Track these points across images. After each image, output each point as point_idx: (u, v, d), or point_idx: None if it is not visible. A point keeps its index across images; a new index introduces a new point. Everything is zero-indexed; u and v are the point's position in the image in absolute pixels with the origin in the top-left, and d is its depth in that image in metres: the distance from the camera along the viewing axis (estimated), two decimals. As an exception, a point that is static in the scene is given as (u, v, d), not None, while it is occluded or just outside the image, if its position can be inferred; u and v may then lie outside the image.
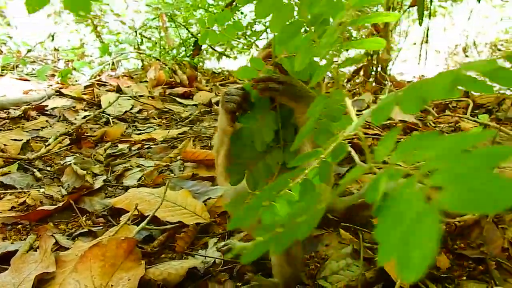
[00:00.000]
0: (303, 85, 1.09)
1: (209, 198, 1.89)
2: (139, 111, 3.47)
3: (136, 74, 5.61)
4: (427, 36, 7.85)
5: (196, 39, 6.13)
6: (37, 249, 1.49)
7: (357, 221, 1.72)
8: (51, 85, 4.24)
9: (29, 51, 6.02)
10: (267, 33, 9.07)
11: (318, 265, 1.49)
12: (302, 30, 0.80)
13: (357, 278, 1.35)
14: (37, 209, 1.81)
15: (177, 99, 4.06)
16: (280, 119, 1.11)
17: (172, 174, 2.21)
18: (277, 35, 0.85)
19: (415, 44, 9.52)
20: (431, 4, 6.73)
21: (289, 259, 1.30)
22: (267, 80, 1.07)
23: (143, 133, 2.90)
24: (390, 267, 1.33)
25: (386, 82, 6.08)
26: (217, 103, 3.83)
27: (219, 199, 1.85)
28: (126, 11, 7.18)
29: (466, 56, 9.75)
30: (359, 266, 1.43)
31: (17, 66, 5.56)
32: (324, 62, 0.81)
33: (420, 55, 8.50)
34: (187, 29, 6.57)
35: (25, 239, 1.59)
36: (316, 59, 0.87)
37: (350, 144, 2.22)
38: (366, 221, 1.72)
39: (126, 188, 2.02)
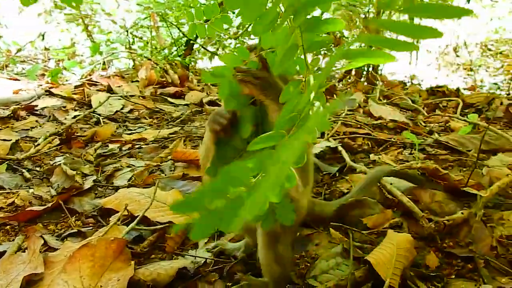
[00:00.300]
0: (279, 83, 1.08)
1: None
2: (130, 111, 3.45)
3: (127, 74, 5.58)
4: (418, 36, 7.87)
5: (188, 38, 6.10)
6: (26, 250, 1.48)
7: (347, 220, 1.72)
8: (41, 85, 4.21)
9: (19, 50, 5.97)
10: (259, 32, 9.09)
11: (308, 264, 1.49)
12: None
13: (347, 277, 1.35)
14: (26, 209, 1.79)
15: (168, 98, 4.04)
16: (260, 114, 1.09)
17: (163, 174, 2.20)
18: (251, 28, 0.84)
19: (406, 44, 9.56)
20: (421, 4, 6.75)
21: (277, 259, 1.30)
22: (245, 72, 1.05)
23: (133, 133, 2.89)
24: (379, 266, 1.34)
25: (377, 81, 6.11)
26: (208, 103, 3.83)
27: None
28: (117, 10, 7.15)
29: (457, 56, 9.82)
30: (349, 265, 1.43)
31: (7, 66, 5.51)
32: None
33: (410, 55, 8.55)
34: (178, 28, 6.54)
35: (13, 240, 1.57)
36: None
37: (340, 144, 2.24)
38: (356, 220, 1.73)
39: (116, 188, 2.01)
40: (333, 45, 9.36)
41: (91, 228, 1.71)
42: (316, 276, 1.42)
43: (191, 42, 6.34)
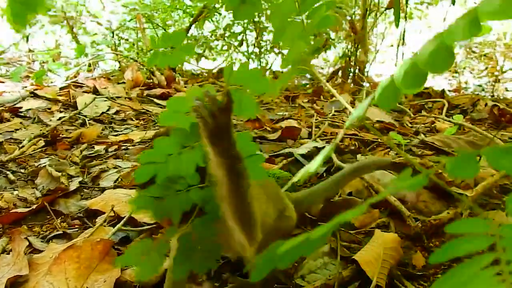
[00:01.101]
0: (232, 133, 0.94)
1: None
2: (116, 112, 3.42)
3: (113, 76, 5.54)
4: (403, 38, 7.98)
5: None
6: (10, 252, 1.45)
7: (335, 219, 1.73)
8: (25, 87, 4.15)
9: (2, 52, 5.88)
10: (245, 34, 9.13)
11: (296, 264, 1.49)
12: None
13: (334, 276, 1.35)
14: (10, 211, 1.76)
15: (155, 100, 4.02)
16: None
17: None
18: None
19: (392, 46, 9.67)
20: (407, 7, 6.85)
21: None
22: (201, 107, 0.91)
23: (120, 134, 2.86)
24: (367, 266, 1.35)
25: (364, 83, 6.17)
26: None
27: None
28: (102, 12, 7.09)
29: (442, 58, 9.93)
30: (336, 265, 1.44)
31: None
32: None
33: (397, 56, 8.63)
34: (165, 30, 6.52)
35: (-3, 242, 1.55)
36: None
37: (328, 144, 2.25)
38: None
39: (103, 190, 1.99)
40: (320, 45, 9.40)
41: (77, 229, 1.69)
42: (304, 275, 1.43)
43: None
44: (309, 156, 2.36)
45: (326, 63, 9.93)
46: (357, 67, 6.91)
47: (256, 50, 9.12)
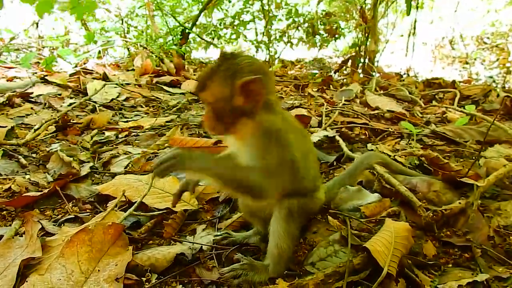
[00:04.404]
0: None
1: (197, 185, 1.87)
2: (126, 99, 3.43)
3: (122, 63, 5.54)
4: (414, 28, 7.89)
5: (183, 28, 6.06)
6: (23, 235, 1.47)
7: (345, 208, 1.72)
8: (35, 73, 4.17)
9: (12, 38, 5.89)
10: (254, 22, 9.07)
11: (306, 251, 1.49)
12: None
13: (345, 264, 1.35)
14: (23, 195, 1.78)
15: (164, 87, 4.02)
16: None
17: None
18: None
19: (402, 36, 9.58)
20: (418, -4, 6.75)
21: (288, 234, 1.36)
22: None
23: (130, 120, 2.87)
24: (378, 254, 1.34)
25: (374, 73, 6.11)
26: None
27: (207, 187, 1.84)
28: (112, -2, 7.08)
29: (453, 48, 9.83)
30: (347, 253, 1.43)
31: (0, 54, 5.44)
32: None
33: (407, 47, 8.54)
34: (174, 17, 6.49)
35: (10, 225, 1.56)
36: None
37: (338, 133, 2.24)
38: (354, 208, 1.73)
39: (113, 175, 2.00)
40: (328, 35, 9.36)
41: (88, 214, 1.70)
42: (314, 263, 1.42)
43: (187, 31, 6.30)
44: (320, 145, 2.35)
45: (335, 52, 9.87)
46: (367, 57, 6.83)
47: (265, 39, 9.07)
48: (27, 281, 1.23)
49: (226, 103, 1.23)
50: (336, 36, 9.30)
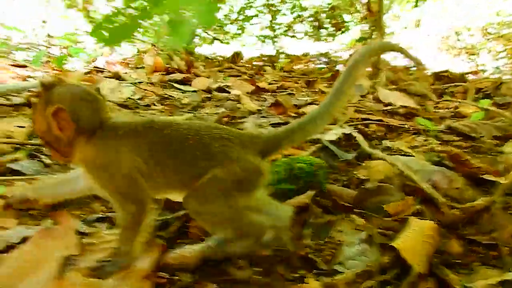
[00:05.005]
0: None
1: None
2: (140, 98, 3.45)
3: (131, 60, 5.55)
4: (419, 20, 7.84)
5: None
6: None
7: (368, 206, 1.74)
8: (47, 72, 4.19)
9: (24, 37, 5.91)
10: (258, 17, 9.03)
11: (333, 250, 1.51)
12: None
13: (374, 263, 1.37)
14: (49, 195, 1.79)
15: (176, 85, 4.03)
16: None
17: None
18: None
19: (406, 28, 9.54)
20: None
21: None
22: None
23: (146, 119, 2.89)
24: (406, 253, 1.36)
25: (381, 67, 6.09)
26: (217, 90, 3.82)
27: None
28: (119, -5, 7.06)
29: (458, 40, 9.77)
30: (374, 252, 1.45)
31: (9, 53, 5.45)
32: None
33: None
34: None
35: (39, 225, 1.59)
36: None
37: (356, 130, 2.25)
38: (376, 207, 1.75)
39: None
40: (334, 29, 9.31)
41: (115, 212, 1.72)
42: (342, 262, 1.44)
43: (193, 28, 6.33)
44: (337, 142, 2.37)
45: (341, 45, 9.83)
46: (374, 51, 6.77)
47: (270, 33, 9.05)
48: (65, 278, 1.27)
49: (49, 134, 1.26)
50: (342, 29, 9.27)
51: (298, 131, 1.43)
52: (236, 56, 6.42)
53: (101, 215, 1.70)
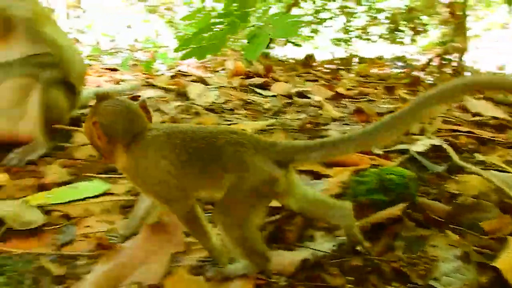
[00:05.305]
0: None
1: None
2: (224, 102, 3.58)
3: (209, 64, 5.73)
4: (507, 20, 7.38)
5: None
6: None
7: (463, 222, 1.71)
8: (137, 75, 4.48)
9: (112, 41, 6.34)
10: (333, 19, 8.96)
11: (428, 265, 1.50)
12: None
13: (472, 282, 1.35)
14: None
15: (256, 89, 4.13)
16: None
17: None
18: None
19: (489, 29, 9.04)
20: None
21: None
22: None
23: (232, 123, 2.99)
24: (509, 274, 1.33)
25: (463, 72, 5.83)
26: (297, 95, 3.87)
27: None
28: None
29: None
30: (471, 270, 1.43)
31: (99, 57, 5.87)
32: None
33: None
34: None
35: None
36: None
37: (447, 142, 2.21)
38: (471, 223, 1.71)
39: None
40: (412, 32, 9.00)
41: (210, 213, 1.81)
42: (438, 278, 1.43)
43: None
44: (426, 154, 2.33)
45: (417, 49, 9.49)
46: (455, 55, 6.51)
47: (344, 36, 8.94)
48: (173, 273, 1.39)
49: (92, 141, 1.42)
50: (420, 32, 8.95)
51: (316, 150, 1.41)
52: (309, 58, 6.43)
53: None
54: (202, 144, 1.37)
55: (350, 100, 3.92)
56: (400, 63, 8.20)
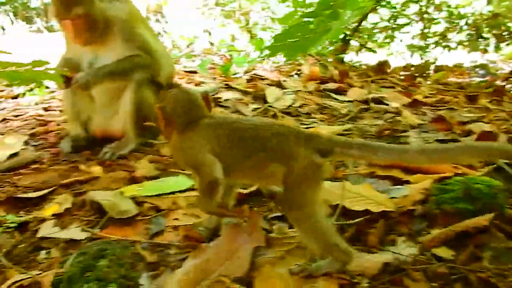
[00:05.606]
0: None
1: (392, 198, 1.95)
2: (300, 106, 3.63)
3: (284, 68, 5.80)
4: None
5: (344, 34, 6.15)
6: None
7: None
8: (215, 78, 4.66)
9: (190, 44, 6.63)
10: (411, 25, 8.70)
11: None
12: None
13: None
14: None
15: (331, 94, 4.13)
16: None
17: (347, 170, 2.30)
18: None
19: None
20: None
21: None
22: None
23: (308, 127, 3.03)
24: None
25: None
26: (374, 101, 3.83)
27: (405, 199, 1.90)
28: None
29: None
30: None
31: (178, 59, 6.15)
32: None
33: None
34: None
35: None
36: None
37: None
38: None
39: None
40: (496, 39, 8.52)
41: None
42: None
43: (347, 38, 6.40)
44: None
45: (500, 56, 8.98)
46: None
47: (421, 42, 8.66)
48: (260, 268, 1.47)
49: (158, 124, 1.64)
50: (505, 39, 8.47)
51: (355, 148, 1.46)
52: (383, 65, 6.30)
53: (278, 214, 1.87)
54: (248, 134, 1.49)
55: (429, 107, 3.81)
56: (481, 72, 7.80)
